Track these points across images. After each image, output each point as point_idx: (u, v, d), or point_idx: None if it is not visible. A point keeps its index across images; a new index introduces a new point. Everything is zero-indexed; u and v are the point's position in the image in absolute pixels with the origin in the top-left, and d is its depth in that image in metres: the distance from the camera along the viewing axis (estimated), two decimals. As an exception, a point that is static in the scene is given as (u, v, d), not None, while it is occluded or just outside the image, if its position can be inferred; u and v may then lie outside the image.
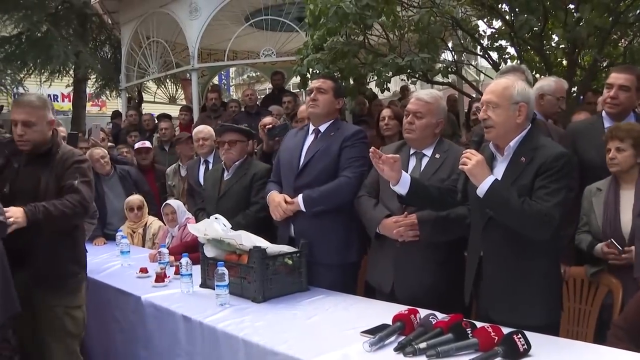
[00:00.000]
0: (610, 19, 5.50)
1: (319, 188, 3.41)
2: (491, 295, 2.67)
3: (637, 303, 2.56)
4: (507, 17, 5.97)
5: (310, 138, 3.62)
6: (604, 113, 3.64)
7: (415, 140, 3.20)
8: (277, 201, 3.51)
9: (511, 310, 2.56)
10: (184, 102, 12.73)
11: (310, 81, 5.85)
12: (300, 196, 3.44)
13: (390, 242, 3.14)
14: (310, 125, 3.67)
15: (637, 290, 2.74)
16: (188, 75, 10.40)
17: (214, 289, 3.08)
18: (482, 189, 2.51)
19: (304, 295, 3.18)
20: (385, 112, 4.55)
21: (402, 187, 2.84)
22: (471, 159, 2.54)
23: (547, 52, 6.50)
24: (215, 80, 14.70)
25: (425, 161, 3.20)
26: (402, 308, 2.50)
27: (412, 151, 3.25)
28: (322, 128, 3.59)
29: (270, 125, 4.66)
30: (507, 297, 2.60)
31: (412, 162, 3.23)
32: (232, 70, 20.88)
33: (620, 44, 6.71)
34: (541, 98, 4.01)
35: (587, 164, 3.51)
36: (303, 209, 3.42)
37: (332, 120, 3.60)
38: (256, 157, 5.02)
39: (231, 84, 23.22)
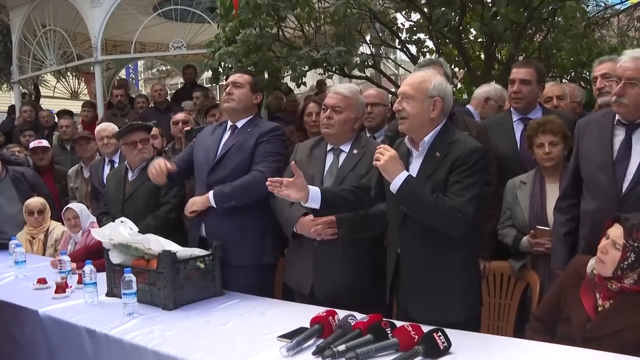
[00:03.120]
0: (526, 14, 5.76)
1: (231, 183, 3.40)
2: (409, 293, 2.72)
3: (553, 294, 2.69)
4: (425, 9, 6.13)
5: (227, 134, 3.61)
6: (512, 108, 3.85)
7: (333, 135, 3.22)
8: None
9: (430, 307, 2.62)
10: (87, 98, 12.28)
11: (222, 75, 5.80)
12: (211, 192, 3.42)
13: (308, 242, 3.15)
14: (228, 121, 3.65)
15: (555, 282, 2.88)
16: (91, 68, 10.04)
17: (121, 298, 2.99)
18: (394, 185, 2.55)
19: (218, 300, 3.15)
20: (312, 108, 4.56)
21: (314, 202, 2.85)
22: (384, 154, 2.57)
23: (466, 46, 6.73)
24: (122, 74, 14.28)
25: (342, 157, 3.23)
26: (320, 310, 2.51)
27: (329, 147, 3.27)
28: (240, 124, 3.58)
29: (189, 128, 4.60)
30: (425, 294, 2.65)
31: (330, 158, 3.25)
32: (140, 63, 20.36)
33: (535, 39, 7.04)
34: (486, 102, 4.39)
35: (499, 158, 3.66)
36: (213, 204, 3.39)
37: (250, 117, 3.59)
38: (165, 156, 4.92)
39: (140, 78, 22.63)
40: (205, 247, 3.33)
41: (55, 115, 8.47)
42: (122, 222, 3.34)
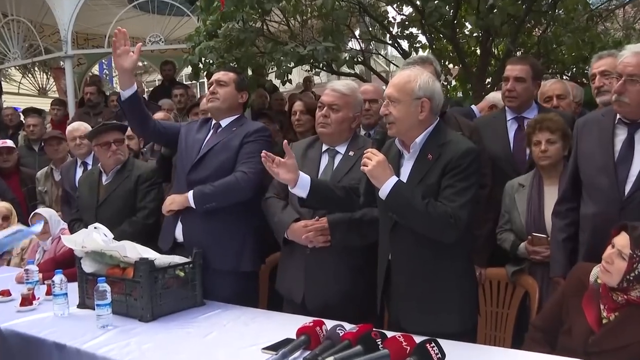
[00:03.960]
0: (524, 6, 5.82)
1: (212, 183, 3.43)
2: (401, 302, 2.75)
3: (554, 302, 2.71)
4: (418, 2, 6.17)
5: (211, 132, 3.65)
6: (506, 107, 3.89)
7: (329, 135, 3.24)
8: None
9: (422, 317, 2.65)
10: (56, 95, 12.22)
11: (202, 72, 5.81)
12: (191, 191, 3.44)
13: (300, 248, 3.18)
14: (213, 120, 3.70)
15: (554, 291, 2.91)
16: (61, 63, 9.97)
17: (94, 309, 2.98)
18: (383, 191, 2.58)
19: (199, 310, 3.15)
20: (297, 106, 4.59)
21: (302, 189, 2.87)
22: (372, 159, 2.59)
23: (460, 41, 6.77)
24: (95, 69, 14.23)
25: (338, 159, 3.25)
26: (307, 320, 2.52)
27: (324, 148, 3.30)
28: (224, 123, 3.62)
29: None
30: (417, 303, 2.68)
31: (325, 160, 3.28)
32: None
33: (534, 33, 7.09)
34: (490, 108, 4.54)
35: (491, 159, 3.68)
36: (193, 205, 3.42)
37: (235, 116, 3.63)
38: (142, 157, 4.93)
39: (114, 74, 22.51)
40: (179, 251, 3.34)
41: (20, 114, 8.42)
42: (95, 228, 3.34)
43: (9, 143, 6.19)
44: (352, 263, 3.12)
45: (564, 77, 6.85)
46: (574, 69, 6.99)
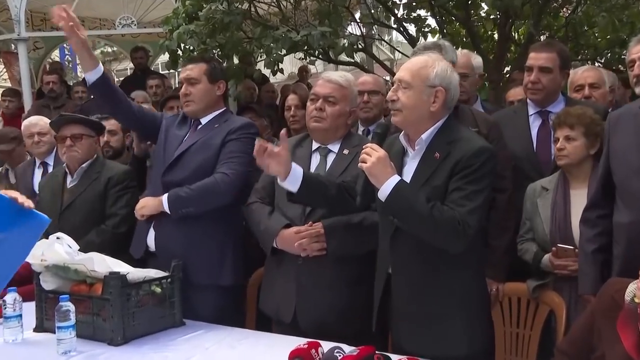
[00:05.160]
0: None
1: (189, 186, 3.46)
2: (402, 321, 2.78)
3: (583, 323, 2.69)
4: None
5: (191, 130, 3.70)
6: (528, 99, 3.90)
7: (324, 131, 3.28)
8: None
9: (427, 338, 2.67)
10: (8, 84, 12.18)
11: (181, 60, 5.82)
12: (165, 195, 3.48)
13: (291, 259, 3.20)
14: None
15: (583, 310, 2.91)
16: (12, 46, 9.93)
17: (54, 333, 2.95)
18: (383, 191, 2.60)
19: (178, 331, 3.16)
20: (292, 100, 4.62)
21: (293, 183, 2.88)
22: (371, 155, 2.61)
23: (475, 24, 6.77)
24: (55, 55, 14.18)
25: (331, 158, 3.29)
26: (301, 341, 2.54)
27: (315, 146, 3.33)
28: (205, 120, 3.67)
29: None
30: (421, 321, 2.71)
31: (316, 160, 3.31)
32: (78, 43, 20.24)
33: (561, 14, 7.06)
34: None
35: (512, 159, 3.67)
36: (167, 209, 3.45)
37: (218, 111, 3.69)
38: (127, 153, 4.93)
39: (78, 61, 22.52)
40: (151, 261, 3.39)
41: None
42: (58, 238, 3.32)
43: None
44: (350, 274, 3.15)
45: (597, 65, 6.77)
46: (609, 55, 6.92)
